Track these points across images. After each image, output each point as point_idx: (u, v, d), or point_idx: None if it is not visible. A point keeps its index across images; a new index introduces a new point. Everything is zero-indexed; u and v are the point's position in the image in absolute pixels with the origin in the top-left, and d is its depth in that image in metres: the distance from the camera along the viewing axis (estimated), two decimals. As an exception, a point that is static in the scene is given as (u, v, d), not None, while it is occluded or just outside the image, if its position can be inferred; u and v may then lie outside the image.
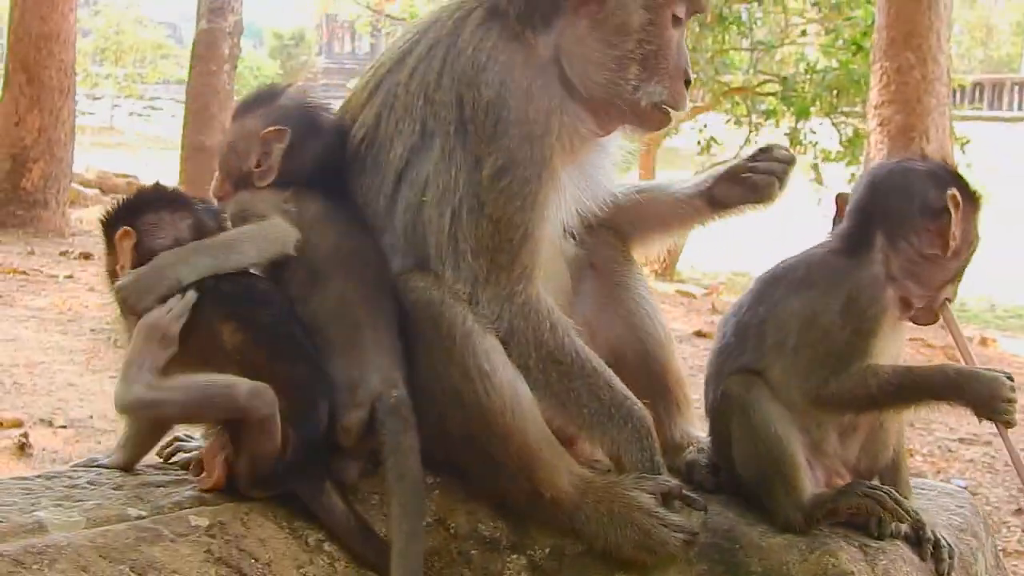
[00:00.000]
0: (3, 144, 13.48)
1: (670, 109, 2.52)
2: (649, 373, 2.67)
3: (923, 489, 2.67)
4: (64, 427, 6.88)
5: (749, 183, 2.68)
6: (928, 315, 2.50)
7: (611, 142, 2.66)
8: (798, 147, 16.08)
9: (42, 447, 6.30)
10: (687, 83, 2.52)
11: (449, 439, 2.37)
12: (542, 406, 2.38)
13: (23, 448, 6.12)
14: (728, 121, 17.20)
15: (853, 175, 15.51)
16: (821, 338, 2.40)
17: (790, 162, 2.71)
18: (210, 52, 10.34)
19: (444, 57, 2.42)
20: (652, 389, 2.59)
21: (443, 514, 2.38)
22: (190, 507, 2.15)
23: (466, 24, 2.44)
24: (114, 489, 2.19)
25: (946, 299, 2.48)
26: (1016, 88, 35.22)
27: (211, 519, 2.12)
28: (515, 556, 2.38)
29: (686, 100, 2.53)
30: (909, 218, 2.42)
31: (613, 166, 2.72)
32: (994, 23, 54.93)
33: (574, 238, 2.60)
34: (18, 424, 6.54)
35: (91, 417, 7.04)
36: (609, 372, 2.44)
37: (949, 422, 6.61)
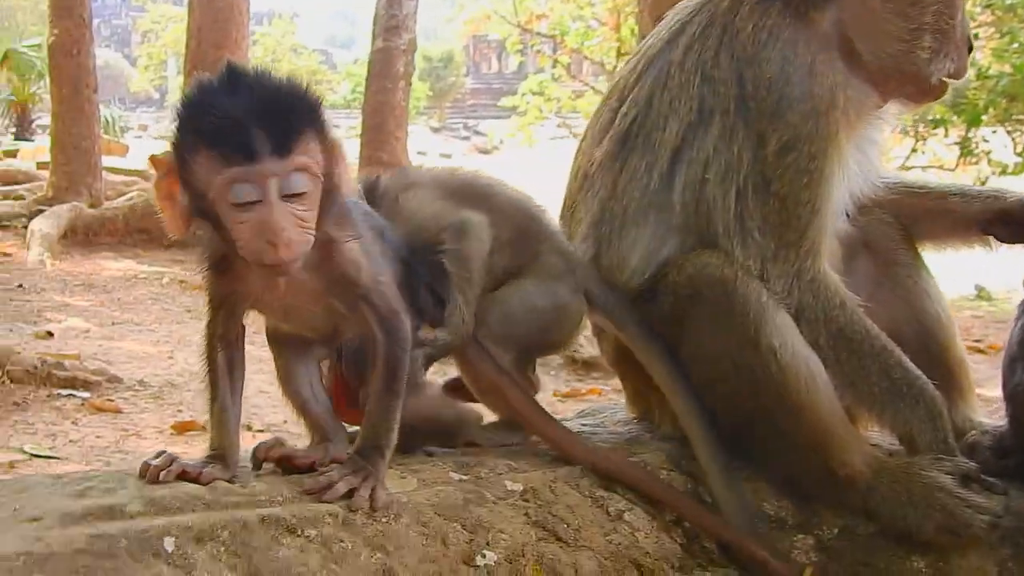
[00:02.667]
0: (180, 169, 14.07)
1: (958, 79, 2.51)
2: (929, 354, 2.63)
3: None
4: (261, 431, 7.18)
5: None
6: None
7: (887, 116, 2.65)
8: (969, 157, 15.49)
9: (243, 449, 6.59)
10: (970, 50, 2.51)
11: (737, 416, 2.39)
12: (832, 384, 2.38)
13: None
14: (893, 130, 16.72)
15: (1031, 186, 14.92)
16: None
17: None
18: (386, 70, 10.63)
19: (721, 36, 2.45)
20: (932, 371, 2.55)
21: (728, 492, 2.41)
22: (504, 472, 2.25)
23: (743, 3, 2.47)
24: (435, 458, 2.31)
25: None
26: None
27: (524, 485, 2.21)
28: (802, 536, 2.38)
29: (967, 68, 2.52)
30: None
31: (884, 141, 2.73)
32: None
33: (847, 215, 2.60)
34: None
35: (284, 422, 7.32)
36: (899, 351, 2.43)
37: None
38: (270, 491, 1.93)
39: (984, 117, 15.78)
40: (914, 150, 16.04)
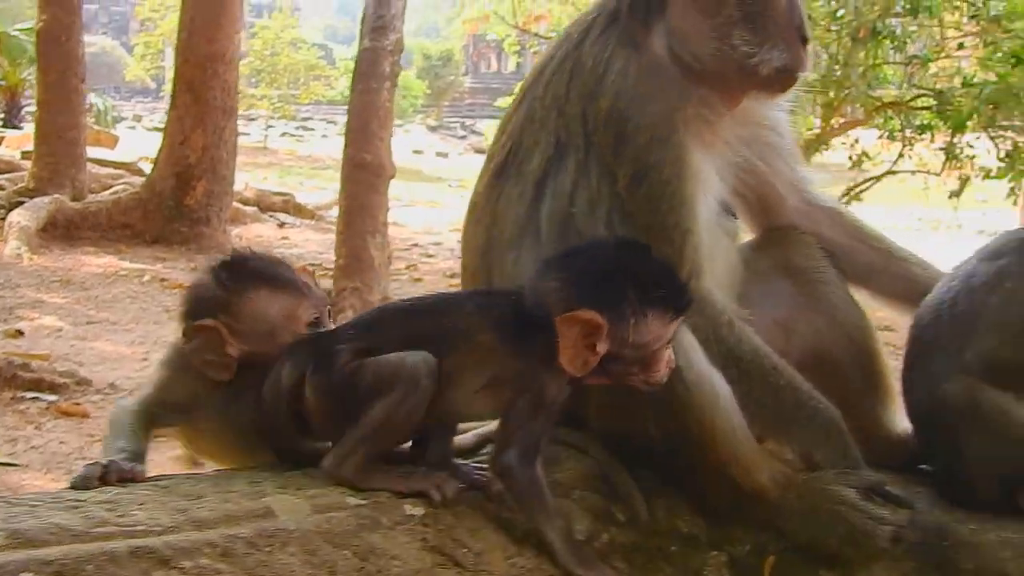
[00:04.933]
0: (168, 162, 13.88)
1: (793, 73, 2.47)
2: (857, 366, 2.65)
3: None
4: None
5: None
6: None
7: (768, 112, 2.65)
8: (954, 162, 15.55)
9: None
10: (804, 41, 2.47)
11: (649, 436, 2.39)
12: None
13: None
14: (881, 136, 16.72)
15: (1013, 190, 14.97)
16: None
17: None
18: (372, 70, 10.55)
19: (571, 71, 2.48)
20: (865, 381, 2.58)
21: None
22: (405, 497, 2.22)
23: (588, 35, 2.50)
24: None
25: None
26: None
27: (425, 508, 2.19)
28: (715, 553, 2.39)
29: (806, 61, 2.48)
30: None
31: (787, 145, 2.70)
32: None
33: (734, 215, 2.60)
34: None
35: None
36: (790, 370, 2.44)
37: None
38: (149, 520, 1.91)
39: (969, 123, 15.83)
40: (901, 155, 16.07)
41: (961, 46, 16.87)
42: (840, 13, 15.17)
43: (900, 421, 2.69)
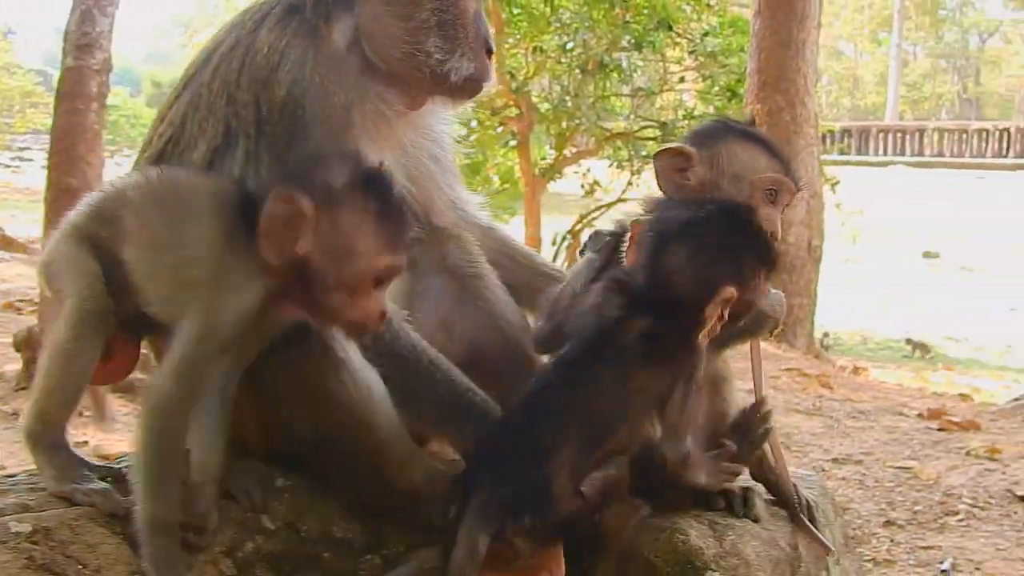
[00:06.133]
0: None
1: (480, 82, 2.51)
2: (514, 362, 2.61)
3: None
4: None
5: None
6: None
7: (436, 125, 2.66)
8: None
9: None
10: (489, 53, 2.53)
11: (301, 438, 2.29)
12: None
13: None
14: (611, 165, 17.49)
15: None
16: None
17: None
18: (77, 90, 9.89)
19: (243, 57, 2.37)
20: (518, 376, 2.52)
21: (292, 518, 2.29)
22: (11, 514, 2.03)
23: (264, 23, 2.40)
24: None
25: None
26: (881, 134, 36.88)
27: (34, 525, 2.00)
28: (369, 556, 2.32)
29: (492, 72, 2.54)
30: None
31: (449, 160, 2.70)
32: (860, 74, 57.56)
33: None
34: None
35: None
36: (448, 365, 2.40)
37: (823, 444, 6.76)
38: None
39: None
40: (630, 183, 16.79)
41: (682, 80, 17.94)
42: (570, 46, 15.78)
43: None
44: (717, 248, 2.22)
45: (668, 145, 2.57)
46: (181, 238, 2.10)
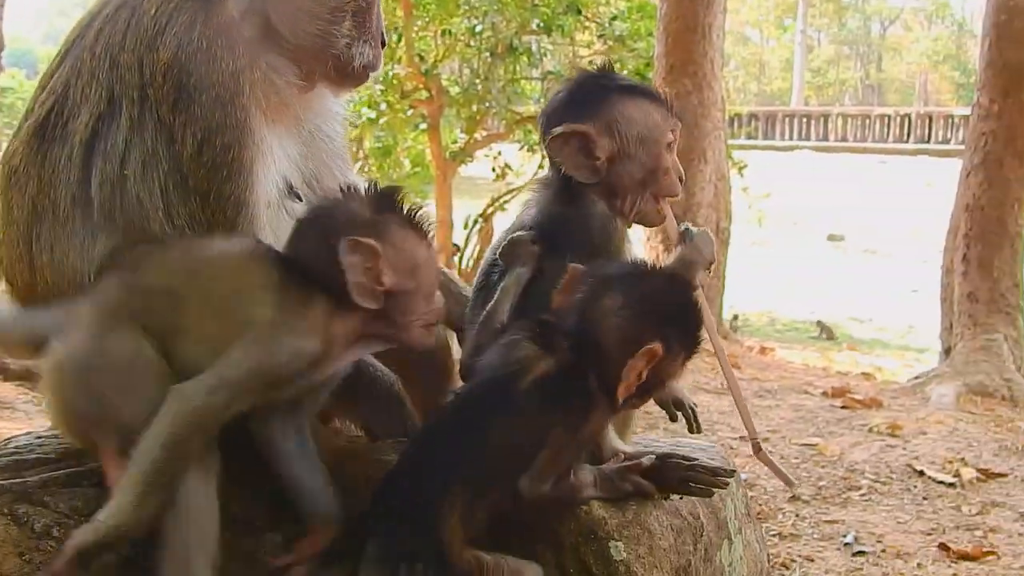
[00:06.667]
0: None
1: (374, 71, 2.53)
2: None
3: (679, 445, 2.71)
4: None
5: None
6: None
7: (333, 107, 2.63)
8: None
9: None
10: (383, 44, 2.55)
11: None
12: None
13: None
14: (522, 148, 17.50)
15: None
16: None
17: None
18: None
19: (128, 19, 2.30)
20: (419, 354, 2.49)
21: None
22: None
23: None
24: None
25: None
26: (787, 119, 37.57)
27: None
28: (270, 533, 2.27)
29: (381, 63, 2.56)
30: None
31: (340, 140, 2.66)
32: (766, 60, 58.64)
33: (299, 198, 2.48)
34: None
35: None
36: None
37: (731, 423, 6.84)
38: None
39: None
40: (541, 166, 16.78)
41: (591, 63, 18.01)
42: (479, 29, 15.69)
43: None
44: (653, 306, 2.16)
45: (559, 130, 2.35)
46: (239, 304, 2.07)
